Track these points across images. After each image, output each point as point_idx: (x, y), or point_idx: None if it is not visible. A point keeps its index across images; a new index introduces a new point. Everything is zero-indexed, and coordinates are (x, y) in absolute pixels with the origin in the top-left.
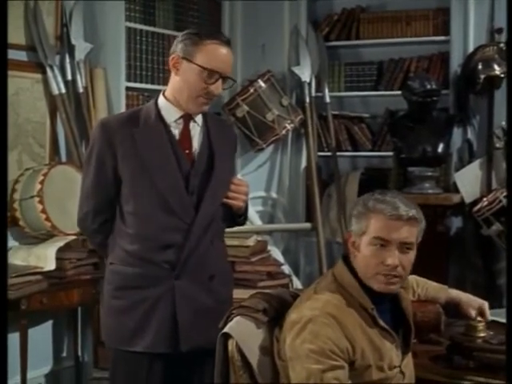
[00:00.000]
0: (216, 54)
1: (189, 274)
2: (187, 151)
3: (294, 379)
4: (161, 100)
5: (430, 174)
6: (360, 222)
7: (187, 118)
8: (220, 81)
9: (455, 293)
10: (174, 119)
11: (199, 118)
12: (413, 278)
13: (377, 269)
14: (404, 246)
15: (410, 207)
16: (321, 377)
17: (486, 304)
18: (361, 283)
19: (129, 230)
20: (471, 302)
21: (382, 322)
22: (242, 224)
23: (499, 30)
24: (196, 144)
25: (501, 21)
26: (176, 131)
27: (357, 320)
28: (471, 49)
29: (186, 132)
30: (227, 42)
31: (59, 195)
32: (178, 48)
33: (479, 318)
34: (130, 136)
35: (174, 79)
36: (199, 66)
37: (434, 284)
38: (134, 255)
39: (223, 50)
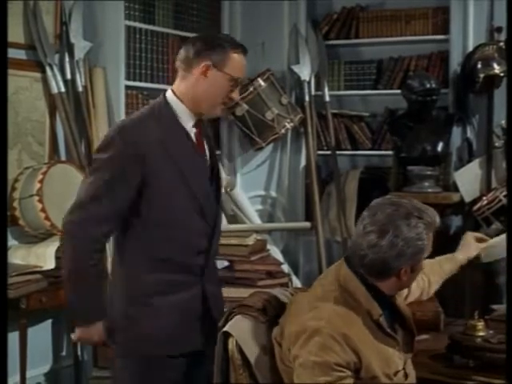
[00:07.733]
0: (241, 63)
1: (211, 276)
2: (205, 157)
3: None
4: (176, 105)
5: (429, 172)
6: None
7: (199, 122)
8: (238, 87)
9: (458, 254)
10: (191, 124)
11: None
12: (425, 277)
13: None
14: None
15: None
16: None
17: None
18: (367, 287)
19: (161, 236)
20: (469, 246)
21: (388, 329)
22: None
23: (499, 29)
24: (206, 149)
25: (500, 20)
26: (192, 136)
27: (363, 330)
28: (471, 48)
29: (199, 137)
30: (247, 51)
31: (59, 194)
32: (203, 54)
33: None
34: (158, 146)
35: (200, 85)
36: (230, 75)
37: (441, 259)
38: (168, 262)
39: (244, 60)
